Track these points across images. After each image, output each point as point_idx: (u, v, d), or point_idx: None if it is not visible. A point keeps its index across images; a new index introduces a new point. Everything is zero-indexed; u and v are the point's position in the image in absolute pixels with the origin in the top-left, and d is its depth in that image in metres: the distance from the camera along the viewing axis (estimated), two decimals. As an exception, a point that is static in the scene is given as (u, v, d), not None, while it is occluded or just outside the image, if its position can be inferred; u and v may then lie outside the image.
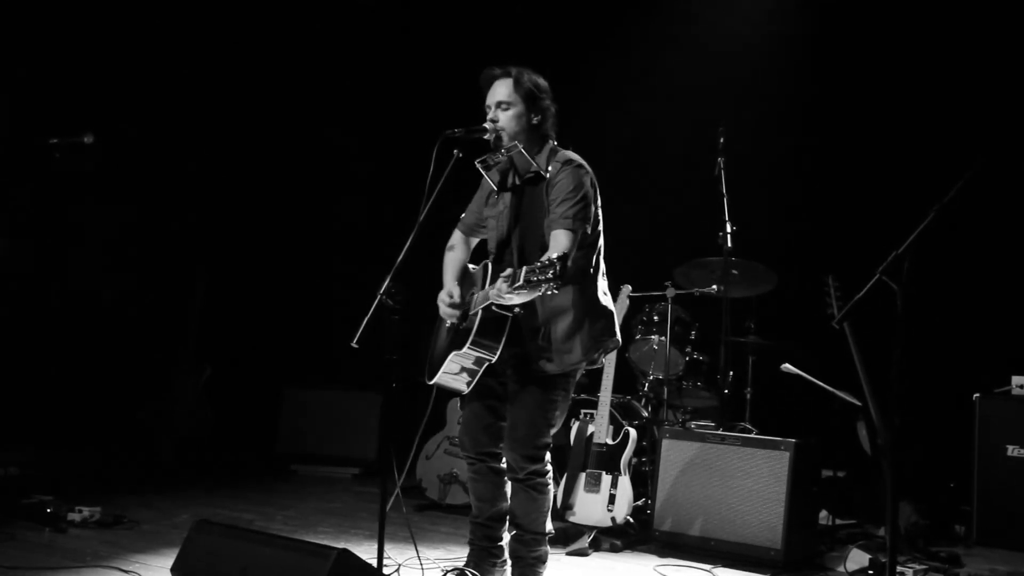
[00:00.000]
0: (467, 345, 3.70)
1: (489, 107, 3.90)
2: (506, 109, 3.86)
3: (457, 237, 4.23)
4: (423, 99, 7.77)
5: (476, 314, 3.72)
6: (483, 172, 4.05)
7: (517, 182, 4.01)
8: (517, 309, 3.72)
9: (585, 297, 3.89)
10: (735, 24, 7.39)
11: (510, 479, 4.00)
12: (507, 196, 4.02)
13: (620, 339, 4.10)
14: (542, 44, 7.37)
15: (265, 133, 8.31)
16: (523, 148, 3.89)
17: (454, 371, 3.88)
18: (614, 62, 7.64)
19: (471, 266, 4.14)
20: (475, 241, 4.25)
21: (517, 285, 3.34)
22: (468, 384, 3.92)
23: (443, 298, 3.94)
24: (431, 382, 3.98)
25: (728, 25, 7.40)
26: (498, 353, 3.75)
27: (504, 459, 4.03)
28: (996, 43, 6.36)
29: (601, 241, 3.98)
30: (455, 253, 4.18)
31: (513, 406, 3.93)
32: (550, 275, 3.24)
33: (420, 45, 8.11)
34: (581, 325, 3.88)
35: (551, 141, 3.98)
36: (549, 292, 3.28)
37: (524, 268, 3.33)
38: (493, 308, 3.67)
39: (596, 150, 4.20)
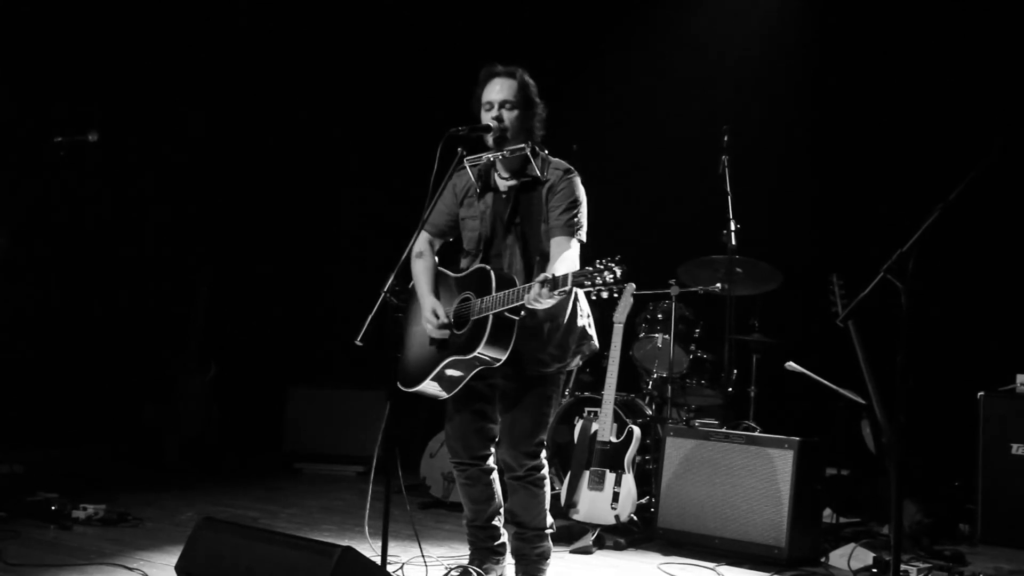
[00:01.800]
0: (476, 351, 3.66)
1: (490, 104, 3.87)
2: (511, 109, 3.86)
3: (423, 241, 4.07)
4: (425, 97, 7.77)
5: (486, 319, 3.66)
6: (470, 172, 3.99)
7: (501, 184, 3.99)
8: (523, 312, 3.67)
9: (572, 300, 3.91)
10: (739, 21, 7.38)
11: (509, 478, 3.98)
12: (489, 197, 3.98)
13: (597, 344, 4.10)
14: (546, 42, 7.39)
15: (270, 132, 8.31)
16: (528, 152, 3.89)
17: (445, 376, 3.85)
18: (618, 59, 7.63)
19: (442, 269, 4.06)
20: (439, 244, 4.13)
21: (563, 289, 3.37)
22: (450, 390, 3.90)
23: (430, 319, 3.85)
24: (411, 390, 3.95)
25: (732, 22, 7.40)
26: (506, 357, 3.72)
27: (491, 459, 4.05)
28: (1002, 38, 6.35)
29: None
30: (425, 261, 4.05)
31: (510, 406, 3.92)
32: (609, 279, 3.27)
33: (425, 43, 8.10)
34: (571, 327, 3.93)
35: (539, 146, 3.96)
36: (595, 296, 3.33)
37: (570, 272, 3.36)
38: (505, 314, 3.63)
39: (600, 147, 4.20)
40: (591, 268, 3.31)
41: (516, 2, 7.80)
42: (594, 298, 3.39)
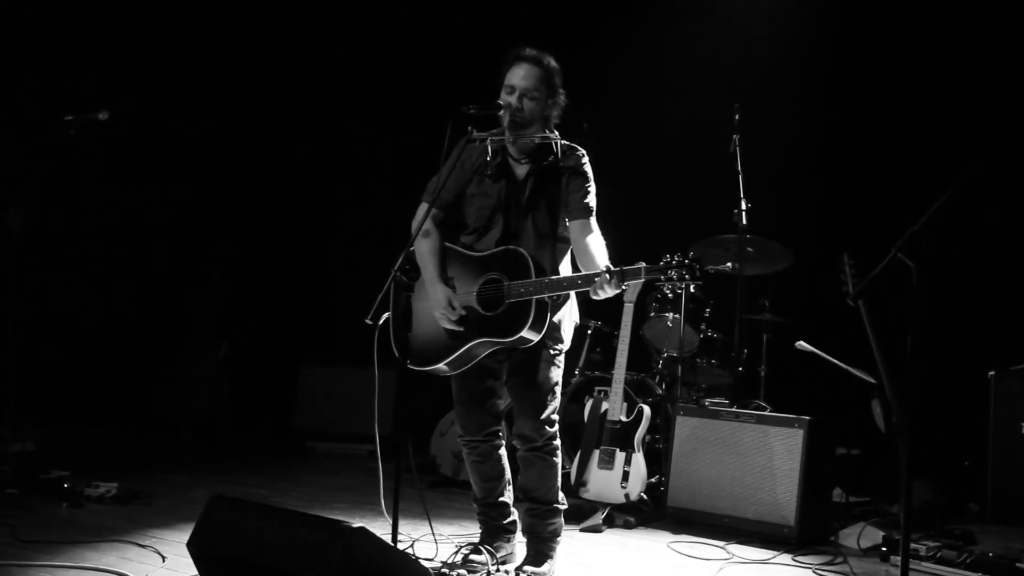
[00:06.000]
0: (520, 333, 3.70)
1: (512, 88, 3.84)
2: (532, 99, 3.84)
3: (431, 218, 3.95)
4: (436, 78, 7.74)
5: (528, 303, 3.70)
6: (489, 150, 3.98)
7: (517, 167, 3.98)
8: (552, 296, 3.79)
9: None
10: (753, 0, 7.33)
11: (526, 450, 3.99)
12: (504, 179, 3.97)
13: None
14: (560, 21, 7.33)
15: (285, 114, 8.29)
16: (542, 138, 3.90)
17: (467, 356, 3.86)
18: (632, 39, 7.58)
19: (451, 245, 4.03)
20: (442, 219, 4.05)
21: (637, 280, 3.59)
22: (459, 368, 3.91)
23: (447, 311, 3.83)
24: (424, 369, 3.94)
25: (746, 1, 7.34)
26: (540, 337, 3.79)
27: (501, 433, 4.11)
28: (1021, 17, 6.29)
29: None
30: (432, 241, 3.98)
31: (525, 380, 3.94)
32: (687, 276, 3.49)
33: (434, 24, 8.06)
34: (571, 304, 4.05)
35: (549, 129, 3.97)
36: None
37: (644, 265, 3.53)
38: (546, 297, 3.72)
39: (611, 126, 4.19)
40: (663, 264, 3.49)
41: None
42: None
